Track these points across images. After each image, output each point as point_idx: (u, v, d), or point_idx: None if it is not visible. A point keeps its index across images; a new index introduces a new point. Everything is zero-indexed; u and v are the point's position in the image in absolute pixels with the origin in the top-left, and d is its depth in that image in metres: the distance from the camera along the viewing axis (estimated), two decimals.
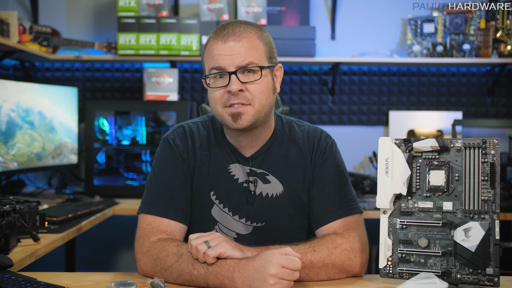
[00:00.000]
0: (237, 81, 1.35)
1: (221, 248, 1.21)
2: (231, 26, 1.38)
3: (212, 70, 1.37)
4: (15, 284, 1.17)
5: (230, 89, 1.35)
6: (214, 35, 1.39)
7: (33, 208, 1.77)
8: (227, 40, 1.36)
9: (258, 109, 1.38)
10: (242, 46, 1.35)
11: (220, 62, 1.35)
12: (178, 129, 1.50)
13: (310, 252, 1.30)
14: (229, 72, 1.35)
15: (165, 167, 1.45)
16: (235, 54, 1.35)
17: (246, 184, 1.45)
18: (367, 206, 2.67)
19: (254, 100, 1.37)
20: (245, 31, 1.37)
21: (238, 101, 1.35)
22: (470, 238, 1.22)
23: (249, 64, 1.35)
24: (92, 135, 3.07)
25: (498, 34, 3.12)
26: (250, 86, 1.36)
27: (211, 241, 1.22)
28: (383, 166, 1.29)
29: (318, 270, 1.30)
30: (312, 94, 3.38)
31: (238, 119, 1.36)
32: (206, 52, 1.40)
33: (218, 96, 1.37)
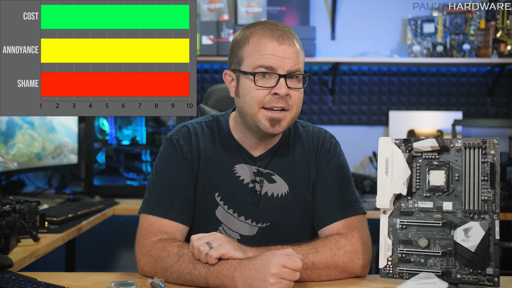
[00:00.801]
0: (285, 85, 1.35)
1: (223, 249, 1.20)
2: (281, 28, 1.38)
3: (259, 68, 1.35)
4: (15, 284, 1.17)
5: (278, 92, 1.34)
6: (264, 32, 1.37)
7: (33, 208, 1.77)
8: (282, 43, 1.35)
9: (293, 116, 1.39)
10: (294, 51, 1.36)
11: (272, 62, 1.34)
12: (182, 129, 1.49)
13: (313, 253, 1.30)
14: (279, 75, 1.35)
15: (168, 167, 1.44)
16: (288, 58, 1.35)
17: (252, 184, 1.45)
18: (367, 206, 2.67)
19: (293, 106, 1.38)
20: (294, 37, 1.39)
21: (280, 105, 1.35)
22: (470, 238, 1.22)
23: (297, 71, 1.37)
24: (92, 135, 3.07)
25: (498, 34, 3.12)
26: (294, 92, 1.37)
27: (213, 241, 1.21)
28: (383, 166, 1.29)
29: (320, 271, 1.30)
30: (312, 94, 3.38)
31: (277, 125, 1.37)
32: (252, 47, 1.37)
33: (260, 96, 1.36)
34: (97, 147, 3.11)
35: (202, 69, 3.35)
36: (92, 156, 3.08)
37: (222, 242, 1.22)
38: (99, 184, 3.10)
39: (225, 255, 1.20)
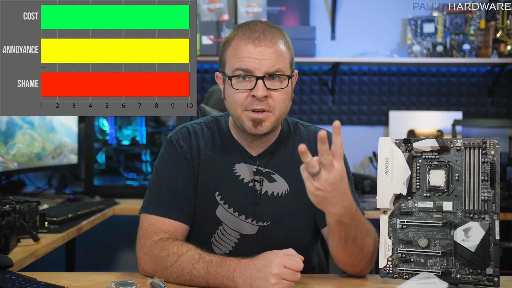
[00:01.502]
0: (263, 87, 1.34)
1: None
2: (261, 29, 1.37)
3: (237, 71, 1.36)
4: (15, 284, 1.17)
5: (256, 94, 1.34)
6: (241, 34, 1.37)
7: (33, 208, 1.77)
8: (258, 44, 1.34)
9: (278, 117, 1.38)
10: (272, 52, 1.35)
11: (248, 65, 1.34)
12: (182, 129, 1.50)
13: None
14: (256, 77, 1.34)
15: (168, 167, 1.44)
16: (265, 59, 1.34)
17: (252, 183, 1.45)
18: (367, 206, 2.67)
19: (276, 107, 1.37)
20: (275, 36, 1.37)
21: (261, 106, 1.35)
22: (470, 238, 1.22)
23: (277, 72, 1.35)
24: (92, 135, 3.07)
25: (498, 34, 3.12)
26: (275, 93, 1.36)
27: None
28: (383, 166, 1.29)
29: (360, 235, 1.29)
30: (312, 94, 3.38)
31: (259, 125, 1.37)
32: (232, 50, 1.38)
33: (241, 99, 1.37)
34: (97, 147, 3.11)
35: (202, 69, 3.35)
36: (92, 156, 3.08)
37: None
38: (99, 184, 3.10)
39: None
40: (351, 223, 1.25)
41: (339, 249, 1.31)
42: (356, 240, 1.29)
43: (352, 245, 1.29)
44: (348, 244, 1.29)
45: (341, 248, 1.30)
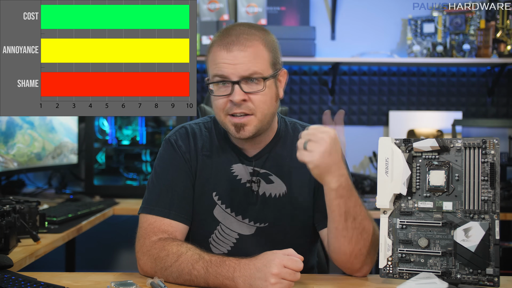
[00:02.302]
0: (240, 91, 1.33)
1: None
2: (236, 32, 1.36)
3: (215, 78, 1.36)
4: (15, 284, 1.17)
5: (232, 99, 1.34)
6: (218, 40, 1.36)
7: (33, 208, 1.77)
8: (231, 49, 1.33)
9: (261, 119, 1.37)
10: (246, 55, 1.33)
11: (223, 71, 1.34)
12: (181, 129, 1.50)
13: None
14: (232, 82, 1.34)
15: (167, 167, 1.45)
16: (239, 63, 1.33)
17: (249, 184, 1.45)
18: (367, 206, 2.65)
19: (257, 110, 1.36)
20: (250, 39, 1.35)
21: (240, 111, 1.35)
22: (470, 238, 1.22)
23: (252, 74, 1.34)
24: (92, 135, 3.07)
25: (498, 34, 3.12)
26: (253, 96, 1.35)
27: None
28: (383, 166, 1.29)
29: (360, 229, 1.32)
30: (312, 94, 3.38)
31: (241, 130, 1.36)
32: (210, 57, 1.38)
33: (221, 104, 1.36)
34: (97, 147, 3.11)
35: (202, 69, 3.35)
36: (92, 156, 3.08)
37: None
38: (99, 184, 3.10)
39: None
40: (349, 196, 1.29)
41: (339, 231, 1.31)
42: (356, 219, 1.30)
43: (352, 225, 1.30)
44: (348, 223, 1.30)
45: (341, 229, 1.30)
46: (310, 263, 1.54)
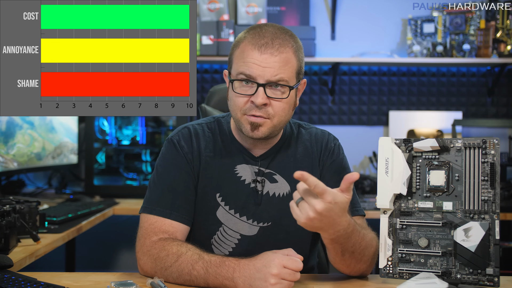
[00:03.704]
0: (263, 94, 1.33)
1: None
2: (270, 35, 1.35)
3: (240, 75, 1.35)
4: (15, 284, 1.17)
5: (255, 101, 1.34)
6: (251, 39, 1.35)
7: (33, 208, 1.77)
8: (264, 52, 1.33)
9: (276, 124, 1.38)
10: (277, 61, 1.33)
11: (251, 71, 1.33)
12: (183, 130, 1.50)
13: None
14: (258, 84, 1.34)
15: (169, 167, 1.44)
16: (269, 67, 1.33)
17: (254, 184, 1.45)
18: (367, 206, 2.67)
19: (275, 116, 1.36)
20: (283, 45, 1.35)
21: (259, 114, 1.35)
22: (470, 238, 1.22)
23: (279, 81, 1.34)
24: (92, 135, 3.07)
25: (498, 34, 3.12)
26: (275, 102, 1.35)
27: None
28: (383, 166, 1.29)
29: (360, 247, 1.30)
30: (312, 94, 3.38)
31: (256, 129, 1.36)
32: (238, 52, 1.37)
33: (241, 103, 1.36)
34: (97, 147, 3.11)
35: (202, 69, 3.35)
36: (92, 156, 3.08)
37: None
38: (99, 184, 3.10)
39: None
40: (346, 242, 1.25)
41: (336, 260, 1.32)
42: (354, 253, 1.29)
43: (349, 257, 1.30)
44: (345, 257, 1.29)
45: (338, 260, 1.31)
46: (311, 263, 1.54)
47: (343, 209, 1.17)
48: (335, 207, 1.14)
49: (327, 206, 1.13)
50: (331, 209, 1.14)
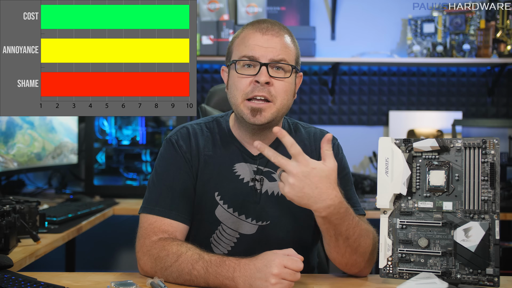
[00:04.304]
0: (266, 73, 1.36)
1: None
2: (270, 22, 1.42)
3: (243, 58, 1.38)
4: (15, 284, 1.17)
5: (258, 79, 1.36)
6: (251, 26, 1.42)
7: (33, 208, 1.77)
8: (265, 33, 1.38)
9: (279, 108, 1.39)
10: (279, 42, 1.39)
11: (254, 52, 1.37)
12: (182, 129, 1.50)
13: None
14: (261, 63, 1.37)
15: (167, 167, 1.45)
16: (271, 47, 1.37)
17: (252, 182, 1.45)
18: (367, 206, 2.67)
19: (277, 97, 1.38)
20: (283, 29, 1.42)
21: (262, 93, 1.36)
22: (470, 238, 1.22)
23: (282, 60, 1.38)
24: (92, 135, 3.07)
25: (498, 34, 3.12)
26: (277, 82, 1.38)
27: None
28: (383, 166, 1.29)
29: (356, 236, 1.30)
30: (312, 94, 3.38)
31: (258, 114, 1.37)
32: (239, 40, 1.42)
33: (243, 85, 1.38)
34: (97, 147, 3.11)
35: (202, 69, 3.35)
36: (92, 156, 3.08)
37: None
38: (99, 184, 3.10)
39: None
40: (340, 223, 1.25)
41: (330, 246, 1.31)
42: (349, 239, 1.29)
43: (344, 244, 1.29)
44: (339, 242, 1.29)
45: (332, 245, 1.30)
46: (311, 263, 1.54)
47: (326, 177, 1.19)
48: (313, 173, 1.17)
49: (303, 169, 1.17)
50: (309, 173, 1.17)
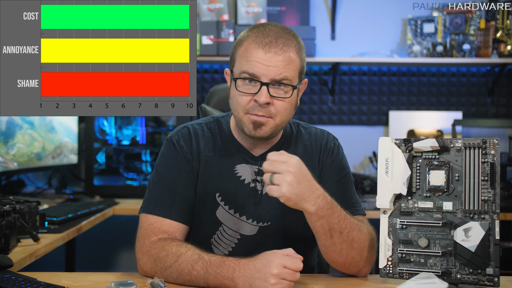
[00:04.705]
0: (267, 93, 1.33)
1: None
2: (274, 34, 1.35)
3: (244, 74, 1.35)
4: (15, 284, 1.17)
5: (258, 100, 1.34)
6: (254, 38, 1.35)
7: (33, 208, 1.77)
8: (268, 51, 1.33)
9: (278, 124, 1.38)
10: (281, 60, 1.33)
11: (255, 70, 1.33)
12: (183, 129, 1.50)
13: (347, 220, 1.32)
14: (261, 82, 1.34)
15: (168, 167, 1.44)
16: (273, 66, 1.33)
17: (253, 184, 1.45)
18: (367, 206, 2.67)
19: (277, 115, 1.36)
20: (287, 44, 1.35)
21: (261, 113, 1.35)
22: (470, 238, 1.22)
23: (283, 80, 1.34)
24: (92, 135, 3.07)
25: (498, 34, 3.12)
26: (277, 101, 1.36)
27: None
28: (383, 166, 1.29)
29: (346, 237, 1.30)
30: (312, 94, 3.38)
31: (258, 129, 1.37)
32: (242, 51, 1.37)
33: (244, 102, 1.36)
34: (97, 147, 3.11)
35: (202, 69, 3.35)
36: (92, 156, 3.08)
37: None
38: (99, 184, 3.10)
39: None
40: (331, 214, 1.26)
41: (327, 247, 1.31)
42: (342, 233, 1.29)
43: (339, 239, 1.29)
44: (334, 239, 1.29)
45: (329, 245, 1.30)
46: (311, 263, 1.54)
47: (305, 170, 1.25)
48: (302, 165, 1.24)
49: (297, 159, 1.23)
50: (300, 162, 1.23)
